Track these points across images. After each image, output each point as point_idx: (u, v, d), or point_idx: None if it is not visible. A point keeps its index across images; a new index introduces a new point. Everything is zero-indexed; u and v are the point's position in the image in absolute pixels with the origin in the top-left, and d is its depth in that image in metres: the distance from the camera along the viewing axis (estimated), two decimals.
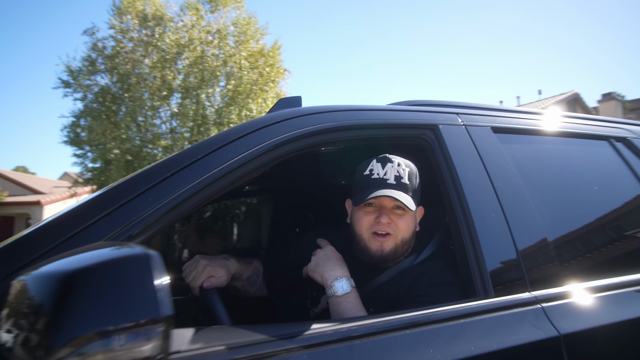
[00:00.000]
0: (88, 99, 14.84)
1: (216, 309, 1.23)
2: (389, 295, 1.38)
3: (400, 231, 1.40)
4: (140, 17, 15.16)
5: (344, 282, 1.31)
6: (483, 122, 1.62)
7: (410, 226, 1.43)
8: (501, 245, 1.34)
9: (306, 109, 1.40)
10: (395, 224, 1.40)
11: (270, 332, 1.00)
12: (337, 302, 1.28)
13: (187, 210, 1.07)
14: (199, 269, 1.33)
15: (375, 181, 1.40)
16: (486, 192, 1.41)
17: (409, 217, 1.42)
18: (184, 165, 1.08)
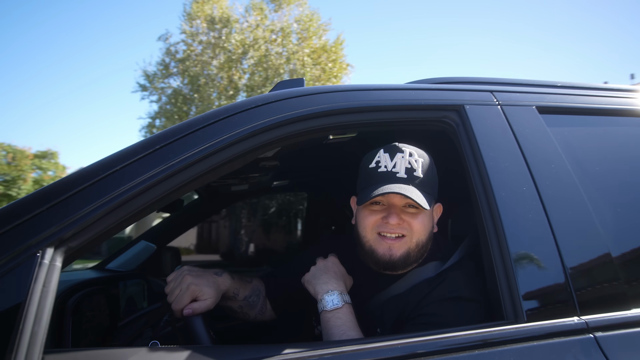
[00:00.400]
0: (162, 101, 15.79)
1: (199, 338, 1.07)
2: (396, 312, 1.15)
3: (415, 233, 1.17)
4: (208, 20, 15.78)
5: (335, 296, 1.11)
6: (526, 100, 1.31)
7: (426, 227, 1.19)
8: (540, 256, 1.05)
9: (306, 89, 1.20)
10: (409, 224, 1.16)
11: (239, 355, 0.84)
12: (326, 318, 1.09)
13: (143, 208, 0.92)
14: (182, 287, 1.13)
15: (382, 175, 1.17)
16: (523, 188, 1.13)
17: (424, 216, 1.18)
18: (137, 157, 0.94)
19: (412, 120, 1.26)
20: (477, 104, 1.26)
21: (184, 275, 1.15)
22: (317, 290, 1.15)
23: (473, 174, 1.16)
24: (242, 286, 1.32)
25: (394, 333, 1.13)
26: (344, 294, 1.13)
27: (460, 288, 1.11)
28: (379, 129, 1.30)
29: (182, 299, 1.11)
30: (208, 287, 1.15)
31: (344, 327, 1.06)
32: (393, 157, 1.19)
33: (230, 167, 1.10)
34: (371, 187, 1.17)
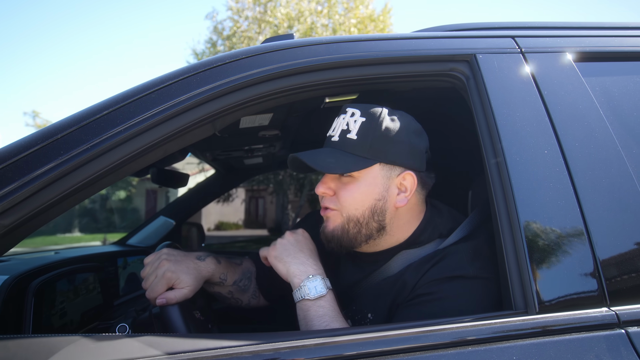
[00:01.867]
0: None
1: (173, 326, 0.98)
2: (391, 295, 1.00)
3: (343, 205, 1.01)
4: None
5: (318, 282, 0.96)
6: (557, 45, 1.08)
7: (358, 199, 1.00)
8: (560, 233, 0.85)
9: (294, 41, 1.04)
10: (337, 195, 1.02)
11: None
12: (306, 306, 0.94)
13: (88, 180, 0.83)
14: (158, 274, 1.01)
15: (326, 140, 1.08)
16: (544, 151, 0.92)
17: (358, 186, 1.00)
18: (82, 123, 0.84)
19: (414, 74, 1.07)
20: (493, 52, 1.05)
21: (161, 260, 1.03)
22: (292, 271, 0.99)
23: (483, 137, 0.97)
24: (230, 270, 1.18)
25: (390, 318, 0.99)
26: (326, 279, 0.99)
27: (461, 266, 0.93)
28: (377, 87, 1.12)
29: (157, 287, 1.00)
30: (186, 275, 1.03)
31: (326, 318, 0.92)
32: (336, 120, 1.07)
33: (199, 133, 0.99)
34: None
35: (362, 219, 1.00)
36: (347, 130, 1.01)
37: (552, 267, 0.83)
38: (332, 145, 1.03)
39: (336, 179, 1.03)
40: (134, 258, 1.86)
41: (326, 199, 1.03)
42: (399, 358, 0.74)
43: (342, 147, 1.01)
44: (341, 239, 1.02)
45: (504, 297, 0.87)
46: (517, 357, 0.74)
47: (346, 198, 1.00)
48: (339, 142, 1.02)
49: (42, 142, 0.82)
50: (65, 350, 0.71)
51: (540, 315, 0.79)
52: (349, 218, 1.00)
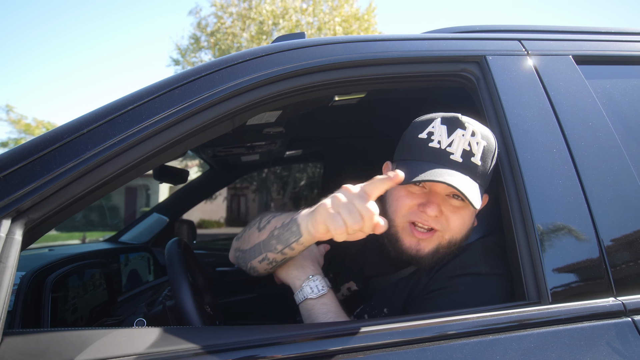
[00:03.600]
0: None
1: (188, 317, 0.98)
2: (406, 291, 1.03)
3: (451, 229, 0.97)
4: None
5: (318, 282, 0.98)
6: (561, 49, 1.13)
7: (466, 224, 0.98)
8: (570, 227, 0.90)
9: (305, 41, 1.06)
10: (447, 218, 0.96)
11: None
12: (309, 305, 0.96)
13: (113, 176, 0.84)
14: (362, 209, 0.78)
15: (433, 152, 0.94)
16: (552, 150, 0.97)
17: (468, 212, 0.98)
18: (106, 119, 0.84)
19: (424, 74, 1.10)
20: (501, 54, 1.09)
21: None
22: (293, 274, 1.00)
23: (495, 135, 1.01)
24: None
25: (404, 313, 1.02)
26: (325, 278, 1.00)
27: (474, 264, 0.97)
28: (387, 87, 1.15)
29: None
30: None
31: (331, 314, 0.94)
32: (451, 133, 0.94)
33: (219, 129, 1.00)
34: (417, 163, 0.95)
35: (460, 240, 0.99)
36: (471, 153, 0.93)
37: (563, 259, 0.88)
38: (453, 165, 0.93)
39: (445, 200, 0.96)
40: (134, 255, 1.85)
41: (433, 220, 0.95)
42: (420, 348, 0.77)
43: (466, 171, 0.93)
44: (432, 260, 0.98)
45: (516, 288, 0.91)
46: (535, 344, 0.78)
47: (457, 223, 0.96)
48: (462, 164, 0.92)
49: (68, 136, 0.82)
50: (98, 343, 0.72)
51: (553, 305, 0.83)
52: (451, 240, 0.97)
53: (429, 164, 0.93)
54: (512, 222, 0.93)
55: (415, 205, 0.96)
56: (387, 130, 2.17)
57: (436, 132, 0.95)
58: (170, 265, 1.06)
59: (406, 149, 1.00)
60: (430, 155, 0.94)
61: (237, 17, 15.76)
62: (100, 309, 1.27)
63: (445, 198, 0.96)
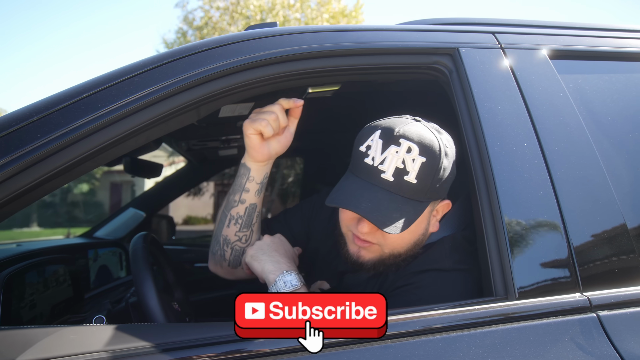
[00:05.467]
0: None
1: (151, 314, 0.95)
2: (375, 289, 1.02)
3: (388, 244, 0.96)
4: None
5: (292, 277, 0.96)
6: (534, 43, 1.12)
7: (406, 238, 0.96)
8: (538, 222, 0.89)
9: (274, 30, 1.03)
10: (382, 234, 0.93)
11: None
12: None
13: (64, 166, 0.80)
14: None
15: (366, 168, 0.92)
16: (523, 144, 0.95)
17: (411, 226, 0.92)
18: (59, 106, 0.80)
19: (396, 66, 1.08)
20: (474, 47, 1.08)
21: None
22: (267, 268, 0.99)
23: (465, 129, 1.00)
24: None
25: None
26: (299, 274, 0.99)
27: (439, 260, 0.96)
28: (359, 78, 1.13)
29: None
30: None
31: None
32: (385, 149, 0.90)
33: (183, 120, 0.96)
34: (348, 180, 0.95)
35: (405, 252, 0.98)
36: (405, 171, 0.89)
37: (531, 255, 0.87)
38: (384, 185, 0.89)
39: None
40: (104, 250, 1.80)
41: (368, 235, 0.94)
42: (382, 345, 0.75)
43: (398, 190, 0.89)
44: (376, 267, 0.98)
45: (484, 284, 0.90)
46: (499, 340, 0.77)
47: (395, 239, 0.94)
48: (394, 183, 0.89)
49: (14, 125, 0.78)
50: (43, 342, 0.69)
51: (520, 300, 0.82)
52: (392, 253, 0.97)
53: (357, 181, 0.92)
54: (481, 216, 0.91)
55: (354, 218, 0.96)
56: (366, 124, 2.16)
57: (373, 147, 0.92)
58: (134, 261, 1.03)
59: (352, 160, 0.99)
60: (363, 172, 0.92)
61: (225, 11, 15.62)
62: (64, 306, 1.23)
63: None
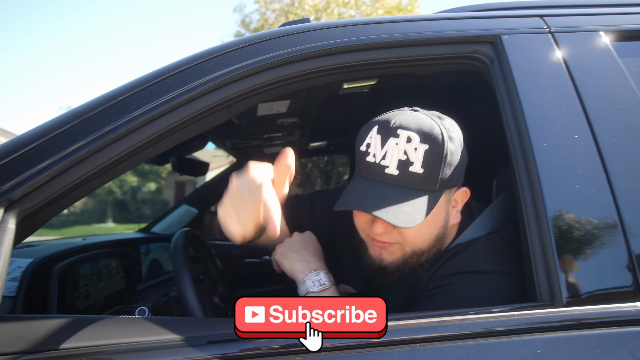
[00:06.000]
0: None
1: (190, 308, 0.98)
2: (405, 290, 0.98)
3: (407, 242, 0.91)
4: None
5: (321, 276, 0.94)
6: (590, 24, 1.02)
7: (425, 233, 0.91)
8: (591, 222, 0.81)
9: (303, 26, 1.02)
10: (399, 231, 0.89)
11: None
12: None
13: (104, 166, 0.84)
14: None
15: (369, 167, 0.88)
16: (573, 136, 0.87)
17: (427, 219, 0.87)
18: (97, 110, 0.85)
19: (432, 58, 1.03)
20: (518, 33, 1.00)
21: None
22: (297, 267, 0.97)
23: (507, 121, 0.93)
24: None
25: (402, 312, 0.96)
26: (329, 274, 0.97)
27: (477, 261, 0.89)
28: (394, 72, 1.09)
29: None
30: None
31: None
32: (384, 143, 0.86)
33: (214, 119, 0.98)
34: (354, 181, 0.91)
35: (427, 249, 0.93)
36: (409, 162, 0.84)
37: (582, 259, 0.79)
38: (389, 180, 0.85)
39: None
40: (155, 245, 1.90)
41: (385, 236, 0.90)
42: (410, 348, 0.72)
43: (405, 183, 0.85)
44: (401, 268, 0.94)
45: (528, 289, 0.83)
46: (542, 350, 0.70)
47: (413, 235, 0.89)
48: (399, 176, 0.85)
49: (59, 128, 0.83)
50: (83, 331, 0.73)
51: (568, 308, 0.75)
52: (414, 251, 0.92)
53: (363, 181, 0.88)
54: (524, 215, 0.85)
55: (369, 220, 0.92)
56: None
57: (372, 144, 0.88)
58: (174, 256, 1.07)
59: (355, 160, 0.95)
60: (367, 171, 0.88)
61: (280, 12, 15.89)
62: (117, 296, 1.30)
63: None
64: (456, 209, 0.97)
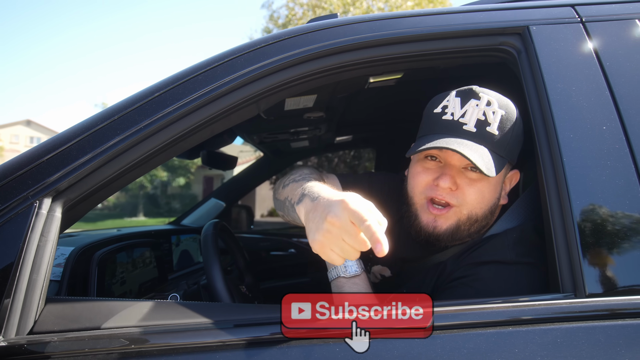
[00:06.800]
0: None
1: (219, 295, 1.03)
2: (434, 279, 0.99)
3: (468, 203, 0.93)
4: None
5: (353, 262, 0.96)
6: (624, 11, 1.00)
7: (486, 198, 0.94)
8: (616, 214, 0.80)
9: (329, 22, 1.04)
10: (462, 191, 0.92)
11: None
12: (340, 283, 0.95)
13: (142, 158, 0.89)
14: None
15: (446, 124, 0.92)
16: (602, 128, 0.86)
17: (487, 185, 0.93)
18: (135, 105, 0.90)
19: (460, 50, 1.03)
20: (547, 23, 0.99)
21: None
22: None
23: (534, 113, 0.93)
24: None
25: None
26: (360, 261, 0.99)
27: (501, 251, 0.90)
28: (420, 65, 1.10)
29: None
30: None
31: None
32: (465, 104, 0.92)
33: (244, 114, 1.02)
34: (429, 137, 0.93)
35: (481, 217, 0.95)
36: (486, 122, 0.90)
37: (606, 250, 0.78)
38: (466, 135, 0.90)
39: (461, 173, 0.93)
40: (186, 236, 1.97)
41: (448, 194, 0.92)
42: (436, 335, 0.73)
43: (481, 140, 0.90)
44: (452, 237, 0.95)
45: (551, 279, 0.83)
46: (562, 339, 0.71)
47: (475, 196, 0.92)
48: (477, 134, 0.90)
49: (100, 123, 0.89)
50: (122, 313, 0.78)
51: (591, 299, 0.75)
52: (470, 216, 0.94)
53: (441, 135, 0.91)
54: (548, 206, 0.85)
55: (431, 180, 0.94)
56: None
57: (450, 105, 0.94)
58: (204, 246, 1.11)
59: (424, 125, 0.98)
60: (443, 128, 0.92)
61: (308, 7, 15.88)
62: (150, 285, 1.37)
63: (461, 171, 0.93)
64: (505, 190, 1.00)
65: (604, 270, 0.77)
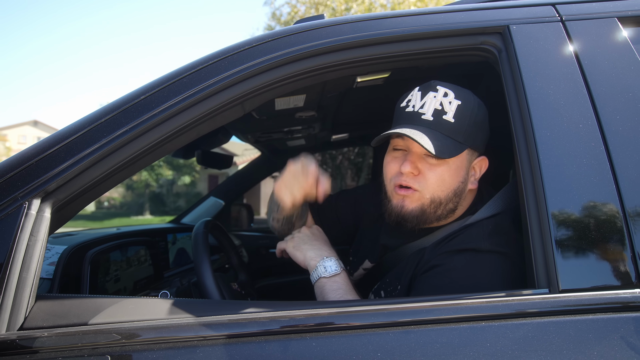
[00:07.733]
0: None
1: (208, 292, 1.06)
2: (413, 267, 1.02)
3: (430, 186, 0.99)
4: None
5: (332, 262, 1.02)
6: (604, 10, 1.01)
7: (447, 182, 1.00)
8: (590, 210, 0.82)
9: (314, 23, 1.06)
10: (424, 176, 0.99)
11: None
12: (321, 284, 1.01)
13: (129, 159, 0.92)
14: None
15: (407, 116, 1.02)
16: (578, 126, 0.88)
17: (448, 169, 0.99)
18: (121, 108, 0.92)
19: (443, 50, 1.05)
20: (527, 22, 1.01)
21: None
22: (309, 255, 1.06)
23: (512, 110, 0.94)
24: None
25: (409, 290, 1.01)
26: (339, 260, 1.03)
27: (476, 239, 0.93)
28: (403, 65, 1.11)
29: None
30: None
31: (340, 291, 0.97)
32: (424, 96, 1.02)
33: (229, 115, 1.04)
34: (393, 128, 1.02)
35: (444, 200, 1.00)
36: (443, 111, 0.99)
37: (580, 246, 0.80)
38: (424, 124, 0.99)
39: (422, 159, 1.00)
40: (182, 235, 2.00)
41: (410, 179, 1.00)
42: (410, 330, 0.75)
43: (437, 127, 0.98)
44: (418, 218, 1.01)
45: (527, 275, 0.85)
46: (533, 334, 0.73)
47: (435, 180, 0.99)
48: (433, 122, 0.99)
49: (88, 126, 0.91)
50: (109, 309, 0.81)
51: (564, 294, 0.77)
52: (432, 199, 0.99)
53: (402, 126, 0.99)
54: (525, 202, 0.86)
55: (398, 168, 1.02)
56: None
57: (412, 99, 1.04)
58: (194, 244, 1.14)
59: (393, 119, 1.07)
60: (406, 119, 1.02)
61: (310, 4, 15.85)
62: (146, 282, 1.40)
63: (422, 157, 1.00)
64: (474, 176, 1.05)
65: (578, 267, 0.78)
